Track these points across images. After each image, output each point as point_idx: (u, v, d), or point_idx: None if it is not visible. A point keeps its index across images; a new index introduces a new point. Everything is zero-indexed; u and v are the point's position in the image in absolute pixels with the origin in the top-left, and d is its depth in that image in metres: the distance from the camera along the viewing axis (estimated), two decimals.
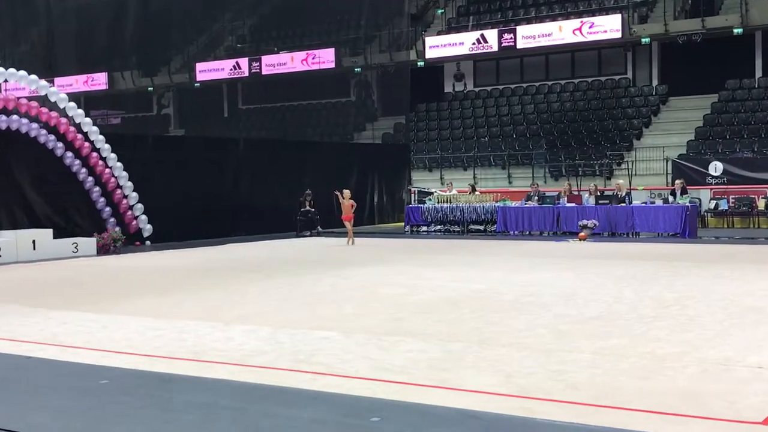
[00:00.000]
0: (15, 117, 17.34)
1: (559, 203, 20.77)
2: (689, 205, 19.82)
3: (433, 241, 20.13)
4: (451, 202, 22.16)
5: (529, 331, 7.73)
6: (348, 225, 19.25)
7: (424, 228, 22.60)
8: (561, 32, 31.64)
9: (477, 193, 23.10)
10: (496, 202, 21.84)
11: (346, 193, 19.39)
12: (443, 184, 29.05)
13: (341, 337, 7.51)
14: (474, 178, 29.53)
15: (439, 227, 22.40)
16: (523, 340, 7.27)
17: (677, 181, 21.73)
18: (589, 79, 33.60)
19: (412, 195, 26.91)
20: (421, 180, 30.42)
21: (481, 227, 21.79)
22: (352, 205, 19.33)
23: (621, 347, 6.93)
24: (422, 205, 22.80)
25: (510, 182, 29.57)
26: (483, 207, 21.64)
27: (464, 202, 22.03)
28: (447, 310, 9.06)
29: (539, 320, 8.30)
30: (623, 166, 27.78)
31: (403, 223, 23.80)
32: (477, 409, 5.17)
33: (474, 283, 11.36)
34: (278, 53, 38.50)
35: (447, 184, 24.76)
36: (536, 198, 21.34)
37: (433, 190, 25.38)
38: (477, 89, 36.04)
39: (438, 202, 22.43)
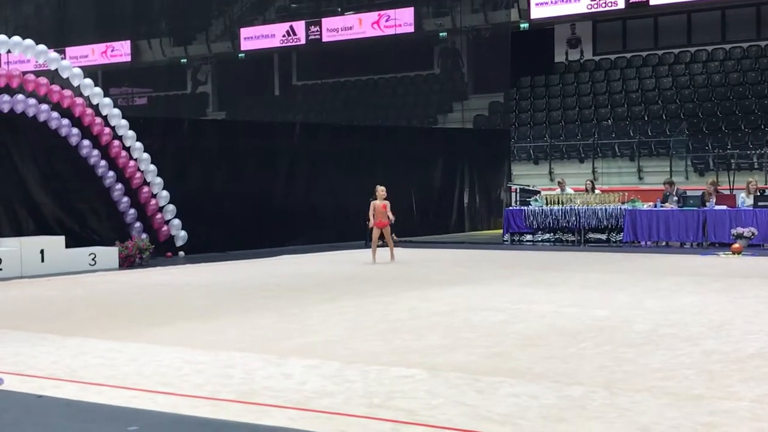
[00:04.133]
0: (20, 97, 17.83)
1: (706, 206, 20.41)
2: None
3: (541, 253, 19.98)
4: (563, 204, 21.97)
5: (670, 371, 7.63)
6: (384, 234, 18.13)
7: (529, 237, 22.44)
8: None
9: (597, 192, 22.85)
10: (623, 203, 21.57)
11: (380, 191, 18.19)
12: (553, 181, 28.76)
13: (426, 376, 7.52)
14: (593, 172, 29.20)
15: (547, 236, 22.21)
16: (662, 384, 7.18)
17: None
18: (745, 45, 32.93)
19: (513, 194, 26.77)
20: (525, 175, 30.22)
21: (603, 236, 21.54)
22: (386, 207, 18.05)
23: None
24: (526, 208, 22.66)
25: (641, 178, 29.17)
26: (605, 210, 21.39)
27: (581, 203, 21.82)
28: (561, 343, 9.00)
29: (683, 358, 8.19)
30: None
31: (501, 231, 23.69)
32: None
33: (596, 309, 11.26)
34: (343, 15, 38.80)
35: (559, 182, 24.55)
36: (675, 199, 21.01)
37: (539, 189, 25.19)
38: (597, 58, 35.68)
39: (546, 204, 22.26)
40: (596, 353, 8.45)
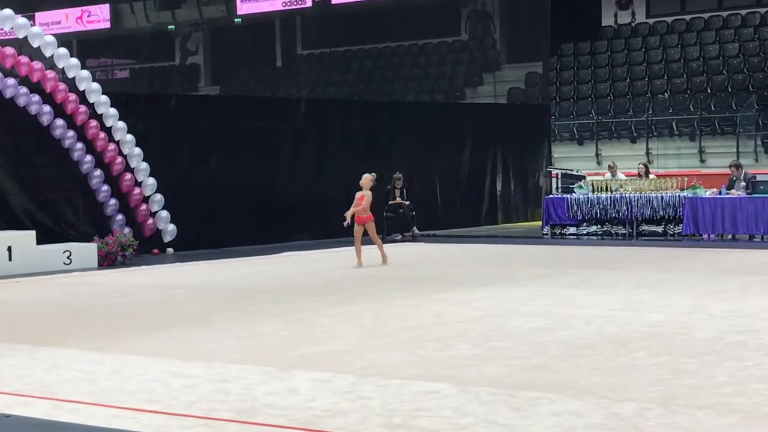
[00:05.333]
0: None
1: None
2: None
3: (586, 248, 19.95)
4: (612, 191, 21.92)
5: (738, 385, 7.61)
6: (368, 231, 17.10)
7: (572, 229, 22.39)
8: None
9: (652, 177, 22.78)
10: (682, 190, 21.50)
11: (364, 178, 17.34)
12: (600, 164, 28.66)
13: (454, 391, 7.53)
14: (648, 154, 29.08)
15: (594, 228, 22.15)
16: (728, 400, 7.16)
17: None
18: None
19: (554, 180, 26.71)
20: (568, 158, 30.17)
21: (659, 228, 21.47)
22: (363, 198, 16.97)
23: None
24: (569, 196, 22.61)
25: (702, 161, 29.07)
26: (661, 198, 21.33)
27: (633, 190, 21.76)
28: (611, 353, 9.00)
29: (753, 370, 8.18)
30: None
31: (539, 223, 23.66)
32: None
33: (651, 313, 11.24)
34: None
35: (610, 165, 24.50)
36: (743, 184, 20.94)
37: (584, 173, 25.14)
38: (651, 21, 35.52)
39: (593, 191, 22.22)
40: (651, 364, 8.43)
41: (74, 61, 19.26)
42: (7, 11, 18.51)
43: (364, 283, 14.85)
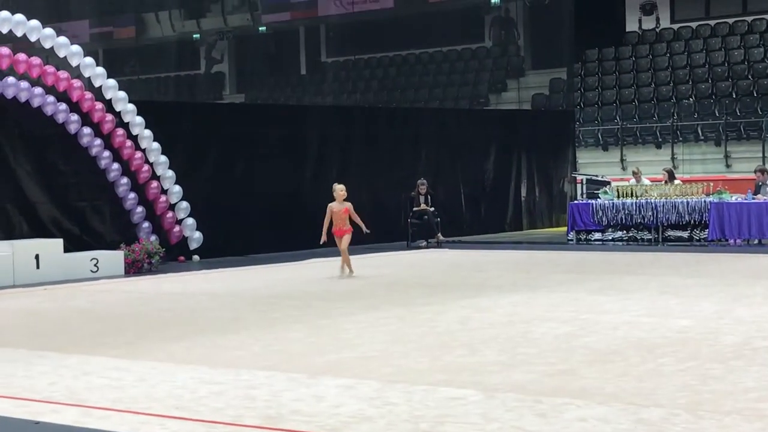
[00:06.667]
0: (10, 80, 18.00)
1: None
2: None
3: (612, 254, 19.90)
4: (638, 197, 21.88)
5: (766, 390, 7.59)
6: (341, 243, 16.62)
7: (598, 235, 22.35)
8: None
9: (677, 182, 22.73)
10: (708, 195, 21.43)
11: (339, 191, 16.69)
12: (625, 170, 28.59)
13: (480, 397, 7.53)
14: (673, 159, 28.99)
15: (619, 234, 22.11)
16: (756, 405, 7.14)
17: None
18: None
19: (579, 186, 26.68)
20: (592, 163, 30.10)
21: (685, 234, 21.40)
22: (347, 212, 16.59)
23: None
24: (594, 201, 22.58)
25: (728, 166, 28.95)
26: (687, 203, 21.28)
27: (658, 196, 21.72)
28: (637, 358, 8.98)
29: None
30: None
31: (565, 229, 23.63)
32: None
33: (677, 319, 11.22)
34: None
35: (634, 171, 24.46)
36: None
37: (609, 179, 25.09)
38: (676, 26, 35.41)
39: (618, 197, 22.19)
40: (678, 370, 8.41)
41: (100, 70, 19.37)
42: (34, 22, 18.63)
43: (390, 289, 14.87)
